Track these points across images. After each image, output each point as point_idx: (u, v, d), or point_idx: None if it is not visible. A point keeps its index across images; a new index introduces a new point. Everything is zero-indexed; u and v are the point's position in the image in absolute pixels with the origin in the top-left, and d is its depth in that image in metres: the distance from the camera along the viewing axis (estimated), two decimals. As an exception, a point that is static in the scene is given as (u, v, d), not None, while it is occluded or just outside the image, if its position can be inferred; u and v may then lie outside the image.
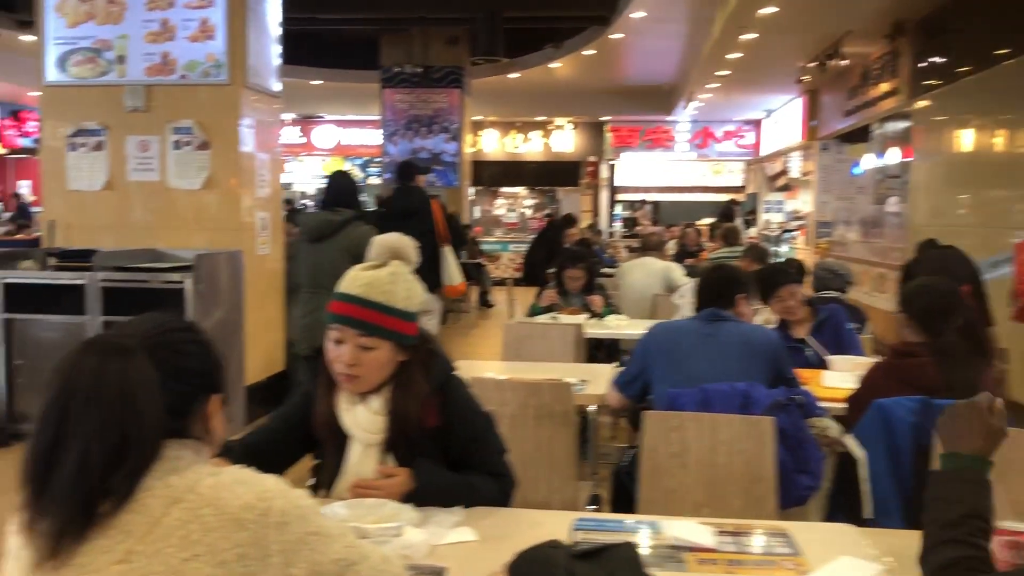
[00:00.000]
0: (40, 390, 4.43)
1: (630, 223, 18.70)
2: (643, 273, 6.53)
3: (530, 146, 18.75)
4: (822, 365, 3.89)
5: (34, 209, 16.62)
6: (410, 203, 6.79)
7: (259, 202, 6.21)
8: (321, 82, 15.74)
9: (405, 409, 2.04)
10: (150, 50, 5.92)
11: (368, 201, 19.45)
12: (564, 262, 5.78)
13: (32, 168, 18.37)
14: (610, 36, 11.96)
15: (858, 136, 12.91)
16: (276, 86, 6.43)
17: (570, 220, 12.80)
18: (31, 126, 17.31)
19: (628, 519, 2.04)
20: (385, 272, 2.06)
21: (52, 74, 6.03)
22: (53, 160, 6.10)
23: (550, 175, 18.85)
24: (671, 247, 14.55)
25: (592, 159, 18.95)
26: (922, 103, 8.67)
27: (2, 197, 17.18)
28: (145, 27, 5.91)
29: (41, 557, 1.22)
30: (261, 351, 6.23)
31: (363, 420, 2.06)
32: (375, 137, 19.32)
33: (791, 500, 2.65)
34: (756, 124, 18.02)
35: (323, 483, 2.13)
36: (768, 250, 6.93)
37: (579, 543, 1.79)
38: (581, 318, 5.54)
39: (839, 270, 4.86)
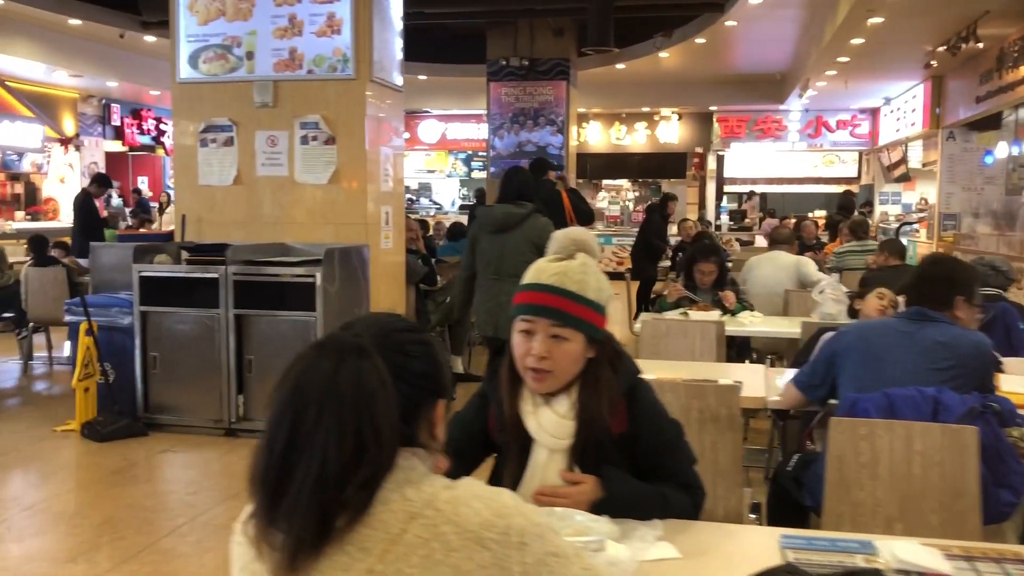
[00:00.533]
0: (173, 381, 4.46)
1: (738, 216, 18.24)
2: (773, 268, 6.27)
3: (635, 137, 18.47)
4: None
5: (152, 204, 17.27)
6: (542, 196, 6.78)
7: (383, 196, 6.21)
8: (426, 77, 15.81)
9: (595, 411, 1.92)
10: (278, 46, 5.97)
11: (467, 195, 19.58)
12: (695, 255, 5.59)
13: (150, 164, 19.08)
14: (725, 23, 11.62)
15: (988, 124, 12.25)
16: (398, 80, 6.42)
17: (667, 199, 12.40)
18: (149, 124, 17.96)
19: (839, 538, 1.88)
20: (576, 263, 1.96)
21: (184, 71, 6.15)
22: (185, 156, 6.22)
23: (655, 167, 18.55)
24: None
25: (699, 150, 18.55)
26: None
27: (122, 193, 17.84)
28: (273, 23, 5.97)
29: (278, 572, 1.14)
30: (384, 345, 6.23)
31: (549, 424, 1.95)
32: (478, 131, 19.38)
33: (990, 517, 2.43)
34: (872, 113, 17.32)
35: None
36: (905, 245, 6.57)
37: (791, 565, 1.64)
38: (714, 315, 5.34)
39: (1001, 266, 4.53)
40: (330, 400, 1.15)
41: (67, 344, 8.44)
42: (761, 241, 13.95)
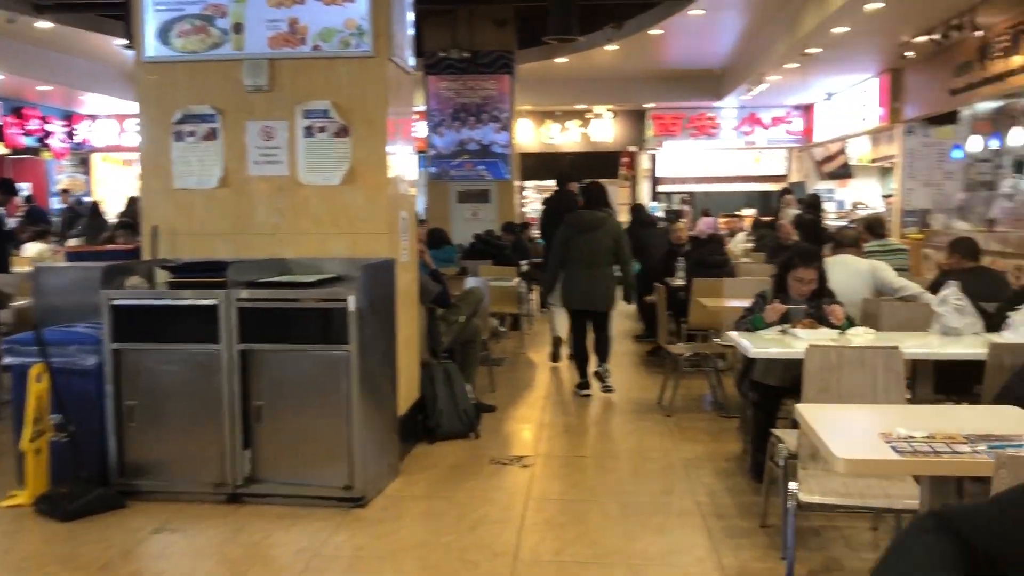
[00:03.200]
0: (156, 436, 2.98)
1: (673, 216, 17.76)
2: (845, 274, 5.53)
3: (567, 136, 17.74)
4: None
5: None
6: (565, 202, 8.56)
7: (402, 200, 5.17)
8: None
9: None
10: (274, 16, 4.85)
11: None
12: (793, 260, 4.80)
13: (32, 169, 17.11)
14: (688, 12, 10.97)
15: (944, 119, 12.07)
16: (412, 61, 5.39)
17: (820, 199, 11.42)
18: (34, 124, 16.06)
19: None
20: None
21: (152, 48, 4.94)
22: (154, 153, 5.01)
23: (588, 166, 17.82)
24: (740, 240, 13.65)
25: (632, 149, 17.99)
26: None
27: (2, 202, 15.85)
28: (268, -12, 4.84)
29: None
30: (405, 377, 5.19)
31: None
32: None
33: None
34: (806, 109, 17.14)
35: None
36: (977, 244, 5.98)
37: None
38: (821, 332, 4.56)
39: None
40: None
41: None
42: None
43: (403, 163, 5.19)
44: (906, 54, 10.65)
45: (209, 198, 4.98)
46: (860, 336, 4.58)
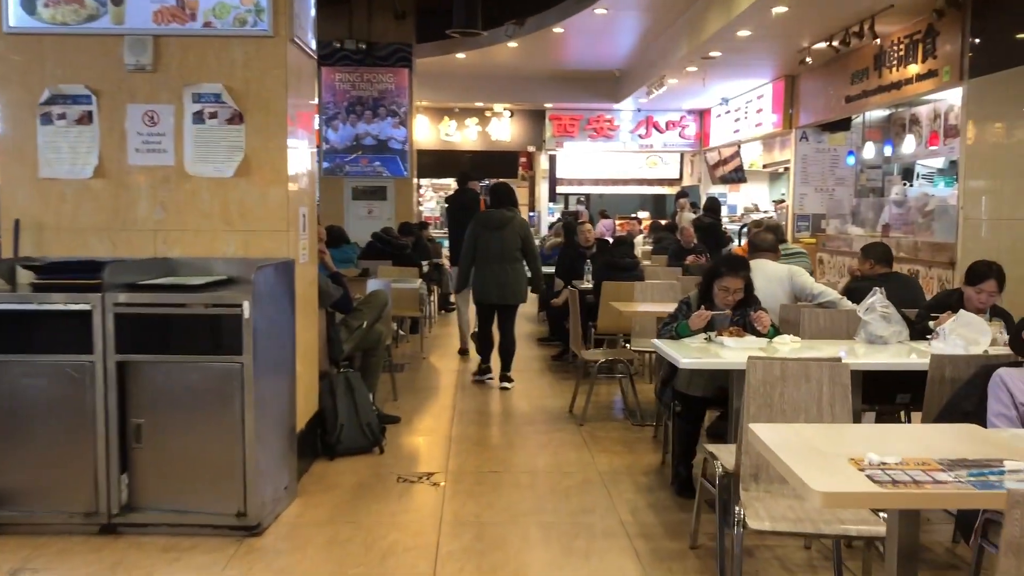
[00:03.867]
0: (15, 460, 2.17)
1: (571, 217, 17.66)
2: (763, 279, 5.35)
3: (465, 134, 17.38)
4: None
5: None
6: (466, 201, 9.58)
7: (301, 195, 4.73)
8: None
9: None
10: (159, -13, 4.35)
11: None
12: (720, 269, 4.61)
13: None
14: (595, 11, 10.79)
15: (838, 125, 12.30)
16: (313, 44, 4.95)
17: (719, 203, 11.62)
18: None
19: None
20: None
21: (14, 18, 4.35)
22: (17, 137, 4.41)
23: (487, 166, 17.53)
24: (638, 243, 13.59)
25: (530, 149, 17.78)
26: (975, 85, 7.90)
27: None
28: (152, -45, 4.33)
29: None
30: (303, 389, 4.75)
31: None
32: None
33: None
34: (701, 114, 17.31)
35: None
36: (890, 249, 5.93)
37: None
38: (748, 340, 4.39)
39: None
40: None
41: None
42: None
43: (303, 155, 4.76)
44: (806, 60, 10.73)
45: (82, 189, 4.42)
46: (787, 344, 4.43)
